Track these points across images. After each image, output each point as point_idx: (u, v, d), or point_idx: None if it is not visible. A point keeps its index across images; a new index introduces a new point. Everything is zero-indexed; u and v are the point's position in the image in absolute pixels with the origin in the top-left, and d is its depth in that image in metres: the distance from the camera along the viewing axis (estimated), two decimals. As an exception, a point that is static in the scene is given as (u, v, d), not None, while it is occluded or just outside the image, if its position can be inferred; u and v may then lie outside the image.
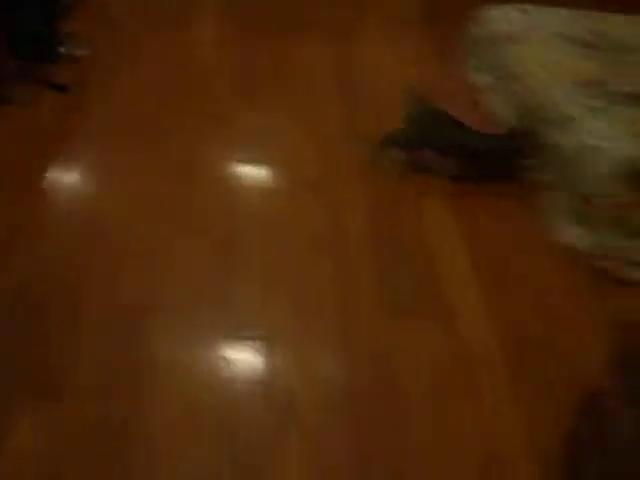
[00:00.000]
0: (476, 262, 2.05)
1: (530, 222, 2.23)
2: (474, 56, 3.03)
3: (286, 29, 3.23)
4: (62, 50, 2.81)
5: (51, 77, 2.69)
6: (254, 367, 1.72)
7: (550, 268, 2.07)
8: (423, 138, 2.37)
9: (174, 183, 2.27)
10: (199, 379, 1.68)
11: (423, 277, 1.99)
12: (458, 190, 2.31)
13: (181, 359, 1.72)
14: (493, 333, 1.84)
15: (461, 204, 2.27)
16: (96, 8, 3.15)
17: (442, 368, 1.75)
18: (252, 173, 2.37)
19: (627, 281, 2.02)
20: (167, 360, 1.71)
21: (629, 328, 1.24)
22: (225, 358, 1.73)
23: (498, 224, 2.21)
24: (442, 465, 1.54)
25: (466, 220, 2.21)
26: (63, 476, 1.46)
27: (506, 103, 2.72)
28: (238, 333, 1.79)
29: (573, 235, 2.17)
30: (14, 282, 1.88)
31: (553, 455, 1.50)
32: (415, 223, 2.18)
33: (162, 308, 1.84)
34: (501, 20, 2.99)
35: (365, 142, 2.45)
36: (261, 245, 2.06)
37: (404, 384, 1.70)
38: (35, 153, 2.35)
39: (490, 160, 2.38)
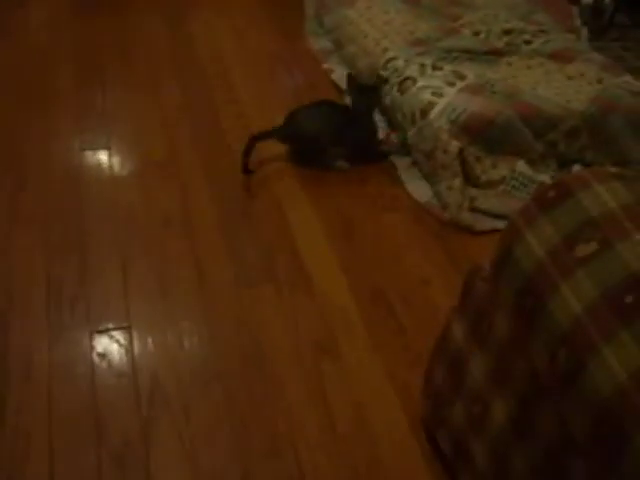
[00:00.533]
0: (327, 226, 2.10)
1: (384, 185, 2.29)
2: (310, 21, 3.06)
3: (124, 9, 3.13)
4: None
5: None
6: (117, 359, 1.70)
7: (400, 223, 2.15)
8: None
9: (16, 177, 2.17)
10: (58, 379, 1.64)
11: (275, 246, 2.02)
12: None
13: (38, 359, 1.67)
14: (348, 289, 1.90)
15: (312, 177, 2.30)
16: None
17: (303, 330, 1.79)
18: (98, 158, 2.30)
19: (473, 230, 2.13)
20: (23, 362, 1.67)
21: (476, 272, 1.32)
22: (86, 353, 1.70)
23: (349, 189, 2.26)
24: (314, 424, 1.59)
25: (315, 188, 2.25)
26: None
27: (345, 66, 2.77)
28: (98, 326, 1.76)
29: (420, 190, 2.26)
30: None
31: (418, 403, 1.58)
32: (264, 195, 2.20)
33: (16, 309, 1.78)
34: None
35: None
36: (113, 234, 2.02)
37: (269, 352, 1.73)
38: None
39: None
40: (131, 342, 1.73)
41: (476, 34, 2.68)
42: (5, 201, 2.09)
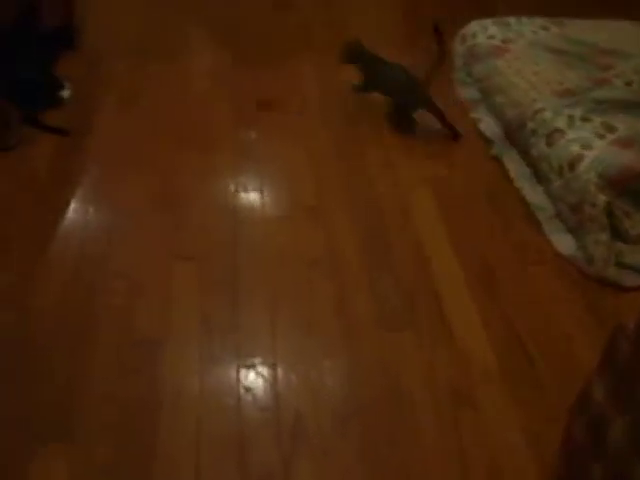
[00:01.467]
0: (469, 273, 2.13)
1: (527, 234, 2.30)
2: (459, 71, 3.11)
3: (278, 57, 3.31)
4: (63, 94, 2.90)
5: (50, 121, 2.77)
6: (261, 393, 1.79)
7: (543, 275, 2.14)
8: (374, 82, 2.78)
9: (176, 215, 2.34)
10: (207, 408, 1.75)
11: (417, 289, 2.08)
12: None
13: (189, 389, 1.80)
14: (487, 339, 1.92)
15: (454, 214, 2.34)
16: (87, 50, 3.22)
17: (441, 377, 1.82)
18: (252, 200, 2.44)
19: (619, 285, 2.09)
20: (175, 391, 1.79)
21: (621, 331, 1.31)
22: (233, 386, 1.81)
23: (492, 234, 2.28)
24: (447, 473, 1.61)
25: (457, 228, 2.29)
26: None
27: (491, 116, 2.80)
28: (245, 361, 1.87)
29: (564, 243, 2.24)
30: (21, 326, 1.96)
31: (554, 462, 1.57)
32: (406, 234, 2.26)
33: (172, 339, 1.92)
34: (483, 34, 3.08)
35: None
36: (263, 271, 2.14)
37: (407, 396, 1.78)
38: (39, 198, 2.44)
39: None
40: (275, 377, 1.83)
41: (628, 84, 2.64)
42: (167, 237, 2.26)
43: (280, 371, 1.84)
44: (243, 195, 2.45)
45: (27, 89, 2.82)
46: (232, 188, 2.47)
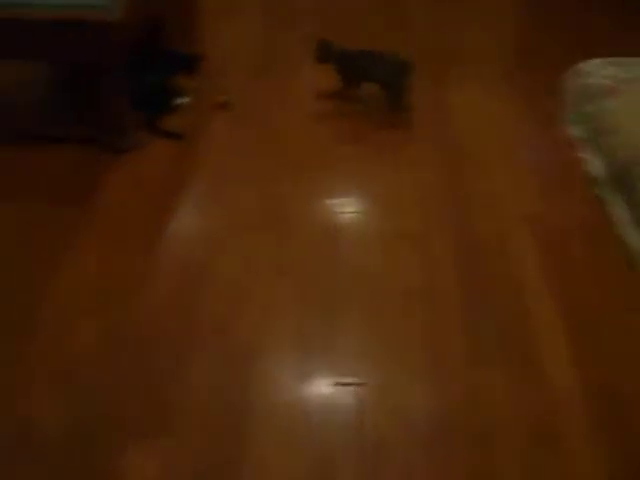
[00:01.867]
0: (567, 316, 2.12)
1: (627, 279, 2.27)
2: (569, 110, 3.09)
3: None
4: (177, 101, 3.05)
5: (166, 126, 2.92)
6: (349, 412, 1.85)
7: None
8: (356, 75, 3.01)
9: (279, 231, 2.43)
10: (295, 423, 1.82)
11: (510, 327, 2.09)
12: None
13: (281, 402, 1.87)
14: (579, 381, 1.92)
15: (553, 253, 2.34)
16: (208, 66, 3.36)
17: (528, 417, 1.83)
18: (352, 222, 2.50)
19: None
20: (267, 402, 1.87)
21: None
22: (322, 403, 1.87)
23: (594, 277, 2.27)
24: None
25: (556, 272, 2.29)
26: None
27: (599, 157, 2.77)
28: (336, 379, 1.93)
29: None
30: (130, 325, 2.08)
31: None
32: (505, 270, 2.28)
33: (268, 353, 2.01)
34: (596, 73, 3.04)
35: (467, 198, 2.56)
36: (360, 294, 2.19)
37: (490, 432, 1.79)
38: (151, 201, 2.57)
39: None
40: (365, 399, 1.87)
41: None
42: (269, 252, 2.34)
43: (370, 393, 1.89)
44: (346, 216, 2.52)
45: (148, 96, 2.98)
46: (335, 208, 2.55)
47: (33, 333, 2.06)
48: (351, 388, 1.90)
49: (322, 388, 1.91)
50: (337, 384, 1.92)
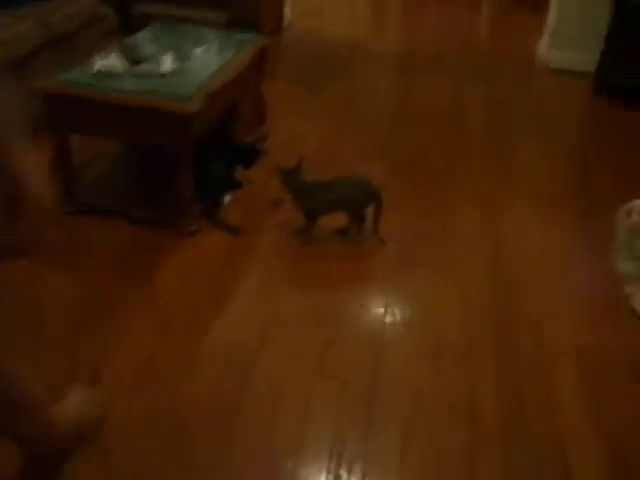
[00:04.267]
0: (605, 457, 2.08)
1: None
2: (619, 245, 3.11)
3: (441, 187, 3.45)
4: (226, 197, 3.15)
5: (224, 219, 3.00)
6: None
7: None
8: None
9: (327, 333, 2.45)
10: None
11: (546, 459, 2.04)
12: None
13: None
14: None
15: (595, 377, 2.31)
16: (270, 159, 3.47)
17: None
18: (400, 331, 2.51)
19: None
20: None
21: None
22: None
23: (630, 406, 2.23)
24: None
25: (597, 400, 2.26)
26: None
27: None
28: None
29: None
30: (174, 412, 2.09)
31: None
32: (547, 397, 2.25)
33: (303, 455, 2.00)
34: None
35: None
36: (400, 406, 2.18)
37: None
38: (205, 288, 2.63)
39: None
40: (396, 517, 1.85)
41: None
42: (315, 353, 2.36)
43: (402, 511, 1.86)
44: (392, 325, 2.53)
45: (209, 186, 3.07)
46: (383, 317, 2.56)
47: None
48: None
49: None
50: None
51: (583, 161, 3.91)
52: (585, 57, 5.11)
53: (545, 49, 5.41)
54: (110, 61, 2.97)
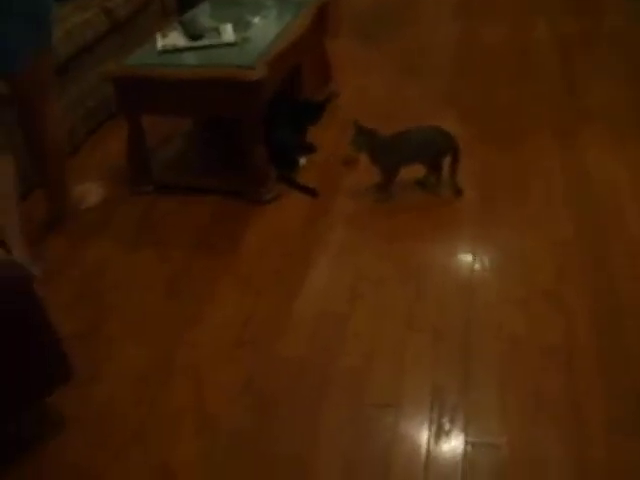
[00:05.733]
0: None
1: None
2: None
3: (516, 131, 3.35)
4: (301, 160, 3.13)
5: (301, 181, 3.00)
6: (485, 473, 1.81)
7: None
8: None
9: (416, 286, 2.43)
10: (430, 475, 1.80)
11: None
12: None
13: (416, 459, 1.85)
14: None
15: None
16: (340, 118, 3.44)
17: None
18: (491, 279, 2.47)
19: None
20: (403, 459, 1.85)
21: None
22: (457, 462, 1.83)
23: None
24: None
25: None
26: None
27: None
28: (473, 438, 1.89)
29: None
30: (266, 375, 2.12)
31: None
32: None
33: (402, 408, 1.99)
34: None
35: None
36: (496, 353, 2.15)
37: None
38: (289, 252, 2.64)
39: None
40: (500, 459, 1.82)
41: None
42: (405, 307, 2.34)
43: (505, 454, 1.84)
44: (481, 273, 2.48)
45: (282, 151, 3.06)
46: (472, 265, 2.52)
47: (170, 379, 2.13)
48: (488, 448, 1.85)
49: (458, 447, 1.87)
50: (473, 444, 1.87)
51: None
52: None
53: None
54: (172, 39, 2.99)
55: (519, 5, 5.00)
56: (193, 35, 3.00)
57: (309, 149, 3.22)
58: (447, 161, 2.89)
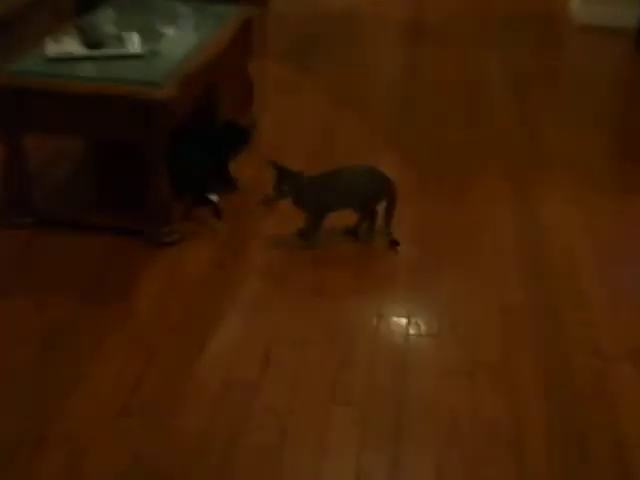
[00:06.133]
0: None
1: None
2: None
3: (463, 178, 3.44)
4: (213, 197, 3.10)
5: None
6: None
7: None
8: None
9: (342, 350, 2.43)
10: None
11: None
12: None
13: None
14: None
15: None
16: (264, 150, 3.47)
17: None
18: (427, 346, 2.49)
19: None
20: None
21: None
22: None
23: None
24: None
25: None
26: None
27: None
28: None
29: None
30: (161, 448, 2.07)
31: None
32: (604, 414, 2.22)
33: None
34: None
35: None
36: (431, 431, 2.16)
37: None
38: (190, 304, 2.62)
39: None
40: None
41: None
42: (328, 375, 2.34)
43: None
44: (417, 339, 2.51)
45: (192, 185, 3.06)
46: (406, 329, 2.54)
47: (43, 450, 2.06)
48: None
49: None
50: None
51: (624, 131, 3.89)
52: (625, 11, 5.09)
53: (579, 3, 5.38)
54: (65, 45, 2.96)
55: (471, 35, 5.19)
56: (92, 43, 2.98)
57: (230, 185, 3.21)
58: (382, 208, 2.93)
